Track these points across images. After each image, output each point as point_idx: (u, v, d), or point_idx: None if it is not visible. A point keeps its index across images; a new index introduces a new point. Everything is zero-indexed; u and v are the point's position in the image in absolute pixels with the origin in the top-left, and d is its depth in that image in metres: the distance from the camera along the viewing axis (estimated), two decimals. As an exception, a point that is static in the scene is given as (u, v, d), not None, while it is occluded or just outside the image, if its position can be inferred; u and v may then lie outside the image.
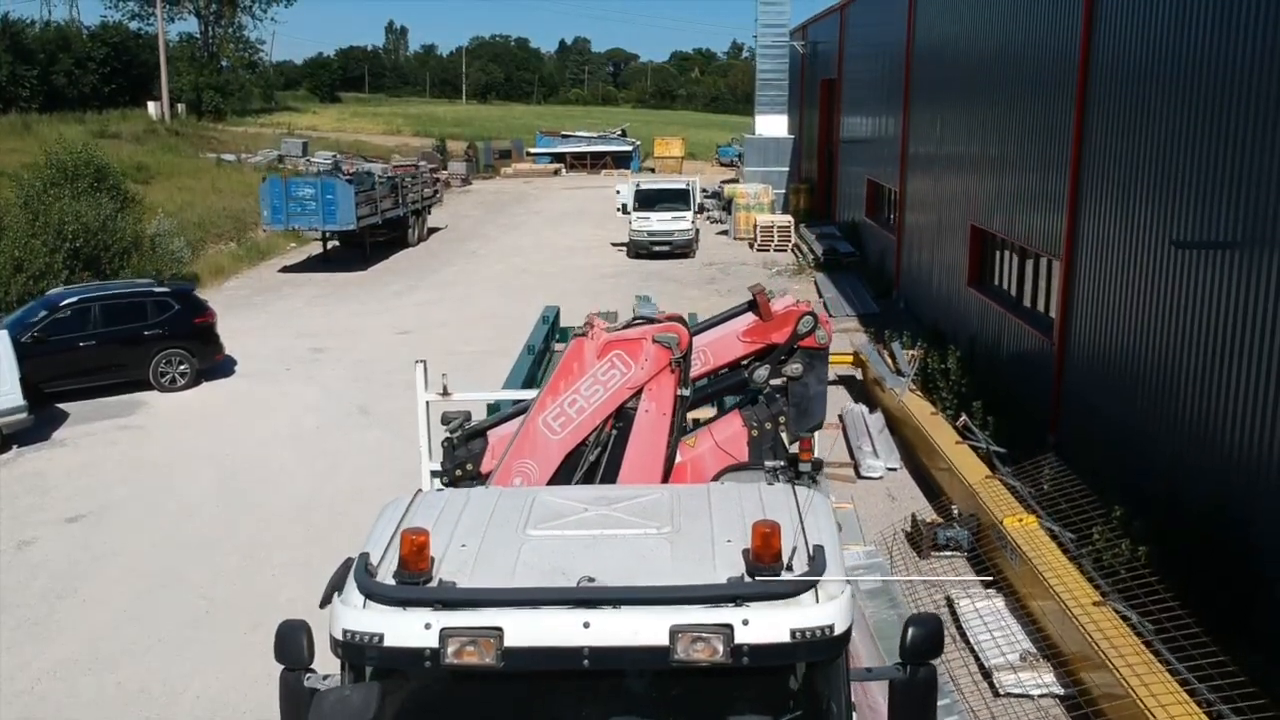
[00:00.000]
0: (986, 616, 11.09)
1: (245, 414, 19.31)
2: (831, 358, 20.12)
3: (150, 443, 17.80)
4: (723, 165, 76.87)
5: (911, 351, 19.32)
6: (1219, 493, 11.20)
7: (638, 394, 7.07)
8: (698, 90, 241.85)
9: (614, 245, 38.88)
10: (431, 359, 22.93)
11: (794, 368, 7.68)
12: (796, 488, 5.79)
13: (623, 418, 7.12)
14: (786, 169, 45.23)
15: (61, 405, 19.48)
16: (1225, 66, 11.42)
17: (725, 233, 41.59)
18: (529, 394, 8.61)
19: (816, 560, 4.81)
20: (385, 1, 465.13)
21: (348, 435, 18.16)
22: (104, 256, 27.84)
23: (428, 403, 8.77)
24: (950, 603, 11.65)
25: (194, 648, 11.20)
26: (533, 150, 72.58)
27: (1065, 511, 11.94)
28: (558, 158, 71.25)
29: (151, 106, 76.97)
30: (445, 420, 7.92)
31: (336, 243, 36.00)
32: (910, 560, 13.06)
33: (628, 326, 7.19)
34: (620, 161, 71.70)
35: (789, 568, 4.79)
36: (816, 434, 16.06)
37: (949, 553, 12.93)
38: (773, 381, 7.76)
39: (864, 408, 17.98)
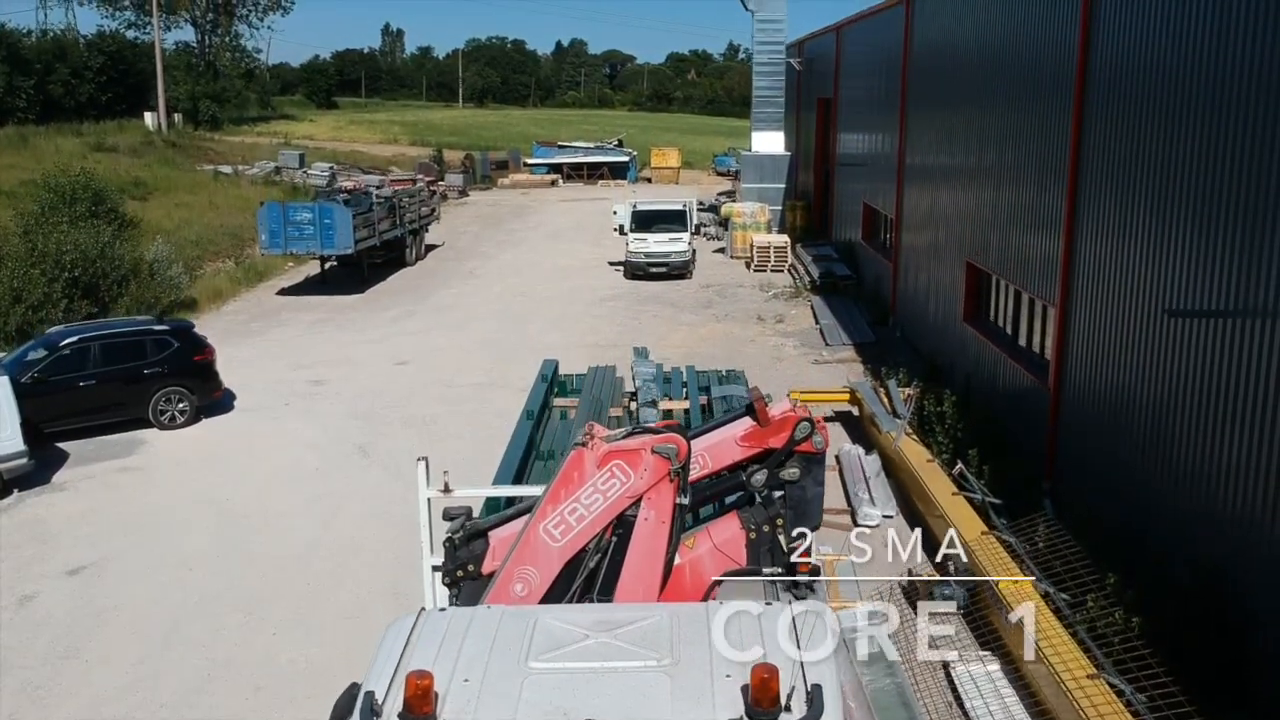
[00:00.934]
0: (981, 682, 11.20)
1: (244, 454, 19.39)
2: (827, 395, 20.32)
3: (150, 487, 17.88)
4: (719, 175, 76.97)
5: (907, 391, 19.43)
6: (1213, 555, 11.31)
7: (637, 502, 7.17)
8: (694, 93, 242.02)
9: (611, 265, 38.96)
10: (428, 391, 23.23)
11: (791, 472, 7.79)
12: (796, 615, 5.87)
13: (623, 525, 7.21)
14: (783, 186, 45.29)
15: (61, 445, 19.58)
16: (1215, 132, 11.54)
17: (722, 250, 41.69)
18: (529, 490, 8.71)
19: (815, 704, 4.92)
20: (382, 5, 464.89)
21: (348, 477, 18.23)
22: (102, 284, 27.93)
23: (429, 499, 8.80)
24: (946, 667, 11.74)
25: (197, 714, 11.29)
26: (530, 161, 72.62)
27: (1060, 574, 12.04)
28: (555, 168, 71.30)
29: (148, 117, 77.00)
30: (447, 516, 8.00)
31: (334, 263, 36.06)
32: (907, 618, 13.14)
33: (628, 436, 7.28)
34: (617, 172, 71.78)
35: (787, 708, 4.90)
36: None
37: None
38: (770, 485, 7.86)
39: (860, 450, 18.07)
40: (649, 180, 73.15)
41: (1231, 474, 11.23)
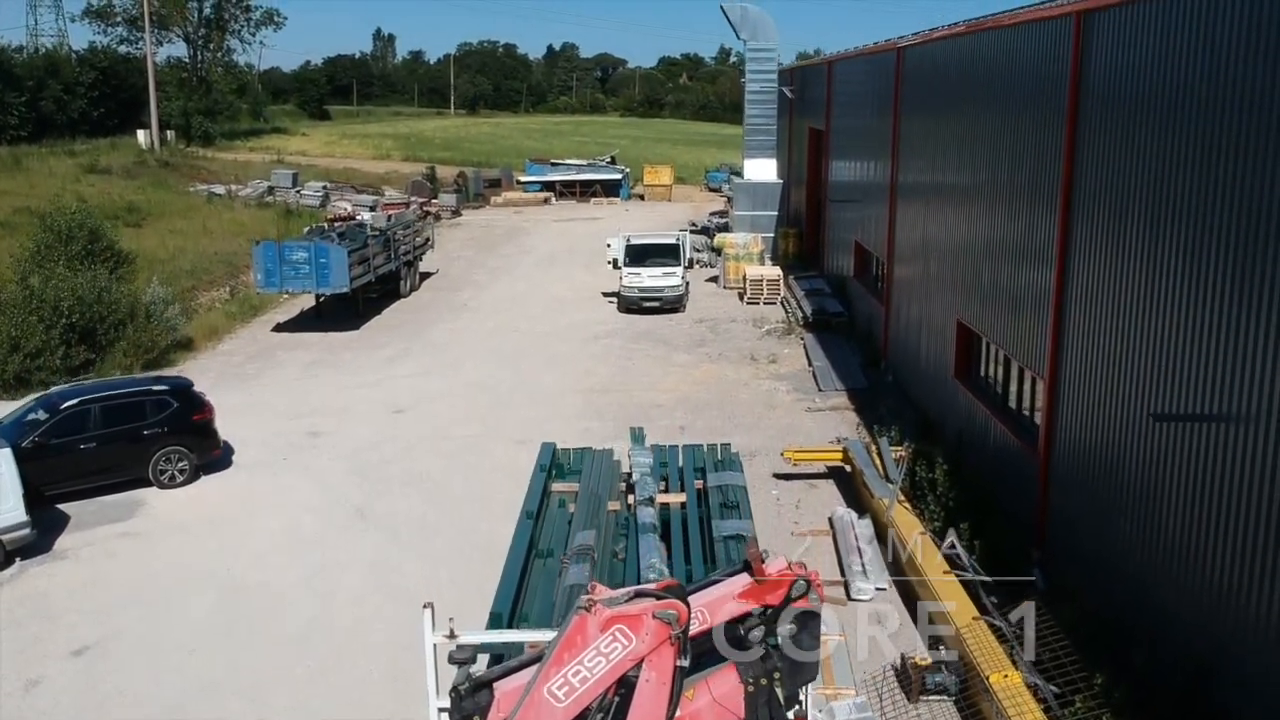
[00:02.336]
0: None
1: (243, 517, 19.55)
2: (821, 454, 20.53)
3: (151, 555, 18.03)
4: (711, 191, 77.25)
5: (900, 452, 19.69)
6: (1203, 651, 11.55)
7: (639, 663, 7.38)
8: (686, 98, 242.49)
9: (604, 295, 39.16)
10: (425, 444, 23.38)
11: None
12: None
13: (625, 685, 7.43)
14: (775, 213, 45.57)
15: (62, 506, 19.76)
16: (1201, 225, 11.81)
17: (715, 279, 41.89)
18: (535, 636, 8.89)
19: None
20: (373, 9, 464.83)
21: (346, 544, 18.40)
22: (99, 328, 28.09)
23: (435, 645, 8.99)
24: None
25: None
26: (522, 179, 72.79)
27: (1048, 668, 12.30)
28: (547, 186, 71.47)
29: (141, 134, 77.13)
30: (452, 660, 8.21)
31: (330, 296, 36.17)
32: (900, 704, 13.39)
33: (630, 600, 7.49)
34: (609, 190, 71.99)
35: None
36: (805, 540, 16.45)
37: (937, 697, 13.28)
38: (767, 640, 8.06)
39: (854, 515, 18.28)
40: (641, 197, 73.39)
41: (1220, 564, 11.47)
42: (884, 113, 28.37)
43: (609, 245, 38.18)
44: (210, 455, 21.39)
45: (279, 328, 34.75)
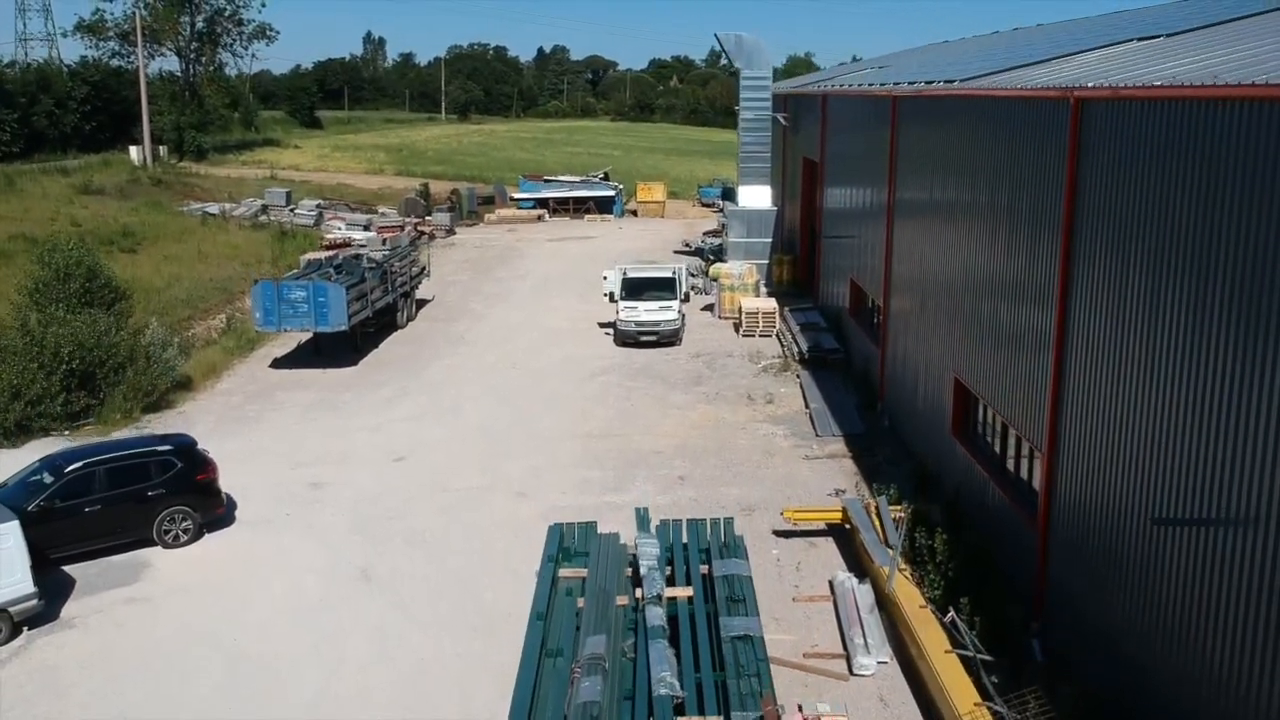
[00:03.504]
0: None
1: (248, 580, 19.67)
2: (821, 514, 20.75)
3: (157, 623, 18.15)
4: (704, 206, 77.51)
5: (899, 512, 19.89)
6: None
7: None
8: (677, 102, 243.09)
9: (601, 326, 39.35)
10: (426, 497, 23.60)
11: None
12: None
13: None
14: (770, 240, 45.81)
15: (67, 568, 19.89)
16: (1201, 295, 12.03)
17: (710, 307, 42.08)
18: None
19: None
20: (363, 11, 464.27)
21: (352, 608, 18.54)
22: (99, 373, 28.19)
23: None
24: None
25: None
26: (516, 195, 72.93)
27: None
28: (541, 203, 71.63)
29: (134, 151, 77.08)
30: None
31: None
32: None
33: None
34: (603, 206, 72.20)
35: None
36: (805, 605, 16.58)
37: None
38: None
39: (854, 581, 18.45)
40: (634, 213, 73.63)
41: (1220, 653, 11.69)
42: (879, 158, 28.60)
43: (605, 277, 38.32)
44: (214, 514, 21.53)
45: (277, 363, 34.83)
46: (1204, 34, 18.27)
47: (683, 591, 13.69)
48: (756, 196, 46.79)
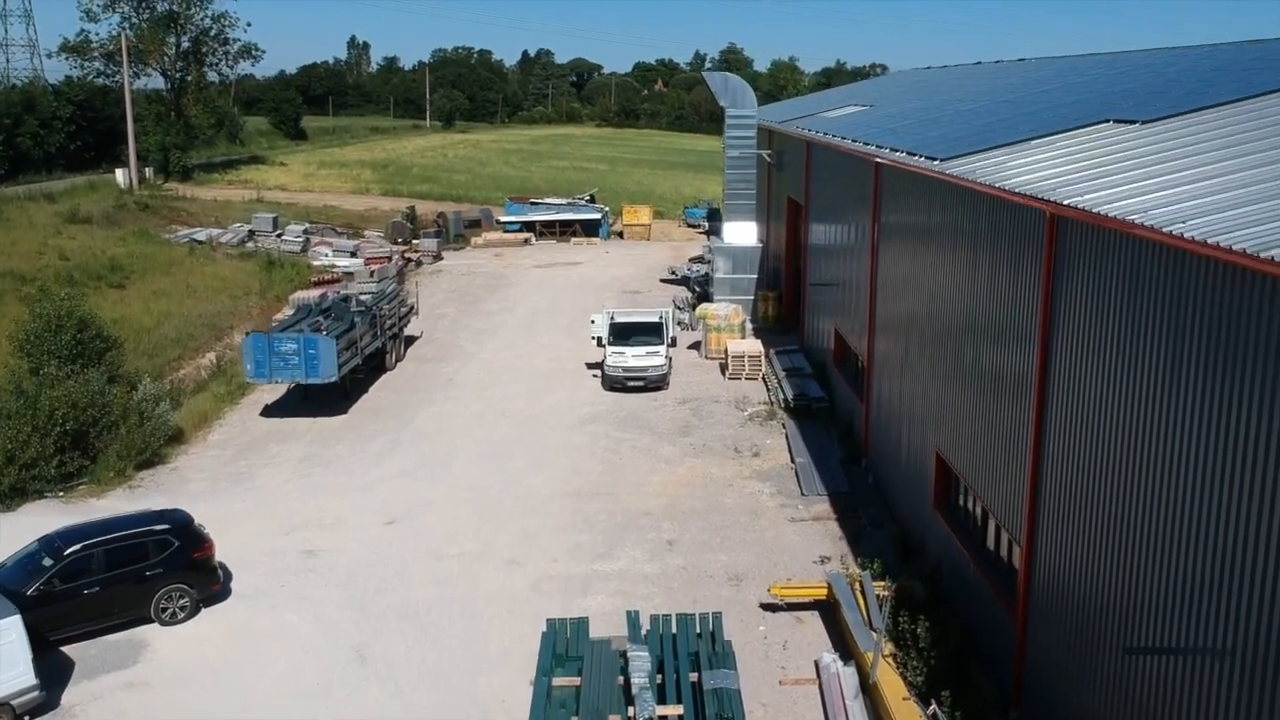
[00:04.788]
0: None
1: (244, 662, 19.97)
2: (806, 590, 21.22)
3: (157, 710, 18.47)
4: (690, 227, 78.01)
5: (883, 590, 20.38)
6: None
7: None
8: (662, 108, 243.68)
9: (588, 367, 39.77)
10: (419, 566, 24.00)
11: None
12: None
13: None
14: (755, 276, 46.28)
15: (66, 649, 20.22)
16: (1172, 418, 12.53)
17: (697, 345, 42.48)
18: None
19: None
20: (348, 16, 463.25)
21: (349, 695, 18.89)
22: (92, 432, 28.50)
23: None
24: None
25: None
26: (502, 219, 73.27)
27: None
28: (528, 226, 71.99)
29: (120, 174, 77.14)
30: None
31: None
32: None
33: None
34: (589, 229, 72.61)
35: None
36: (791, 688, 16.95)
37: None
38: None
39: (839, 663, 18.89)
40: (620, 235, 74.04)
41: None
42: (863, 217, 29.11)
43: (593, 321, 38.76)
44: (210, 590, 21.86)
45: (268, 411, 35.12)
46: (1177, 127, 18.72)
47: (673, 710, 14.12)
48: (742, 233, 47.26)
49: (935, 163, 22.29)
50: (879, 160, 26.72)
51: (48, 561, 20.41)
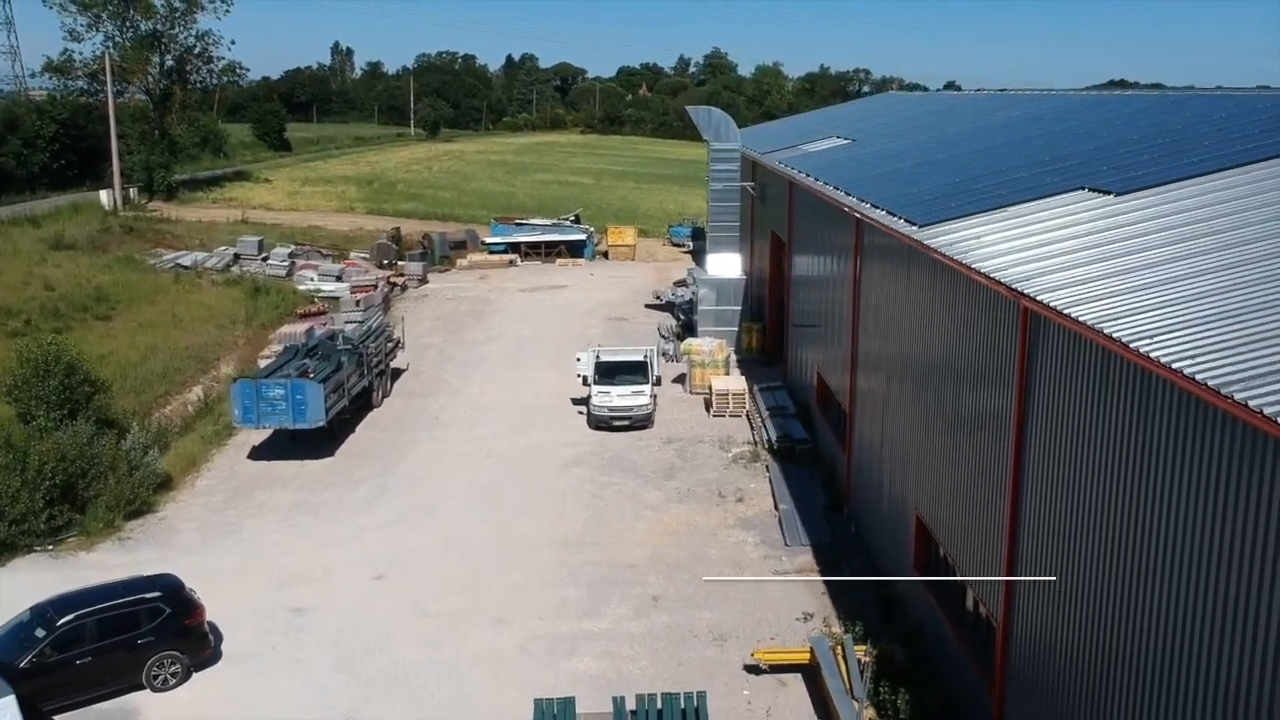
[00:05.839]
0: None
1: (237, 731, 20.31)
2: (788, 655, 21.60)
3: (151, 787, 18.78)
4: (674, 246, 78.40)
5: (864, 655, 20.79)
6: None
7: None
8: (646, 114, 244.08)
9: (574, 403, 40.09)
10: (407, 626, 24.29)
11: None
12: None
13: None
14: (739, 308, 46.70)
15: (58, 719, 20.45)
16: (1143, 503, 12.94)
17: (682, 379, 42.83)
18: None
19: None
20: (330, 20, 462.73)
21: (339, 767, 19.22)
22: (80, 484, 28.68)
23: None
24: None
25: None
26: (487, 240, 73.54)
27: None
28: (513, 247, 72.26)
29: (104, 195, 77.10)
30: None
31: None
32: None
33: None
34: (574, 250, 72.93)
35: None
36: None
37: None
38: None
39: (821, 733, 19.33)
40: (605, 255, 74.40)
41: None
42: (844, 266, 29.51)
43: (579, 359, 39.11)
44: (202, 655, 22.10)
45: (255, 453, 35.29)
46: (1155, 201, 19.11)
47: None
48: (726, 265, 47.70)
49: (915, 229, 22.69)
50: (859, 216, 27.12)
51: (40, 632, 20.61)
